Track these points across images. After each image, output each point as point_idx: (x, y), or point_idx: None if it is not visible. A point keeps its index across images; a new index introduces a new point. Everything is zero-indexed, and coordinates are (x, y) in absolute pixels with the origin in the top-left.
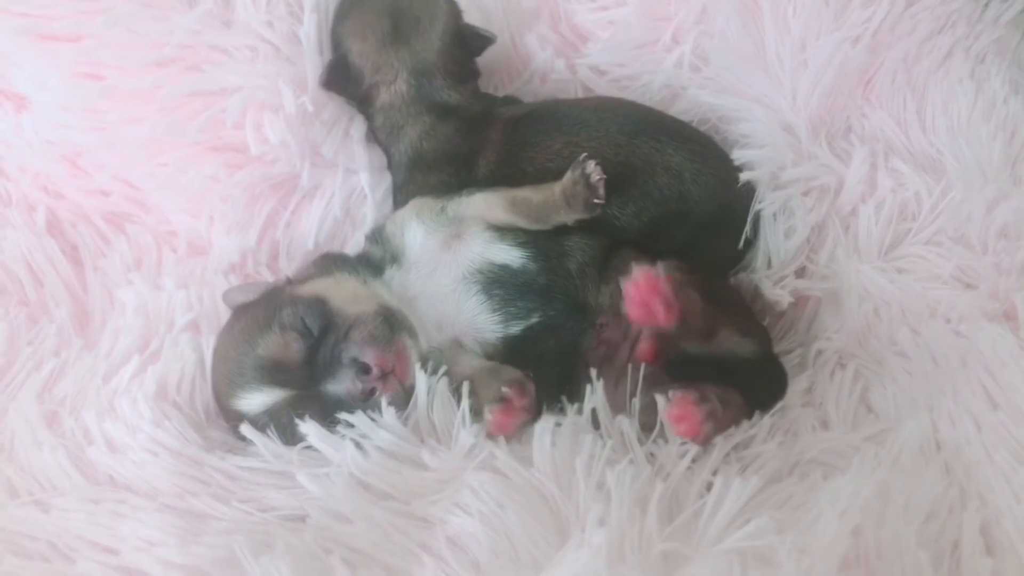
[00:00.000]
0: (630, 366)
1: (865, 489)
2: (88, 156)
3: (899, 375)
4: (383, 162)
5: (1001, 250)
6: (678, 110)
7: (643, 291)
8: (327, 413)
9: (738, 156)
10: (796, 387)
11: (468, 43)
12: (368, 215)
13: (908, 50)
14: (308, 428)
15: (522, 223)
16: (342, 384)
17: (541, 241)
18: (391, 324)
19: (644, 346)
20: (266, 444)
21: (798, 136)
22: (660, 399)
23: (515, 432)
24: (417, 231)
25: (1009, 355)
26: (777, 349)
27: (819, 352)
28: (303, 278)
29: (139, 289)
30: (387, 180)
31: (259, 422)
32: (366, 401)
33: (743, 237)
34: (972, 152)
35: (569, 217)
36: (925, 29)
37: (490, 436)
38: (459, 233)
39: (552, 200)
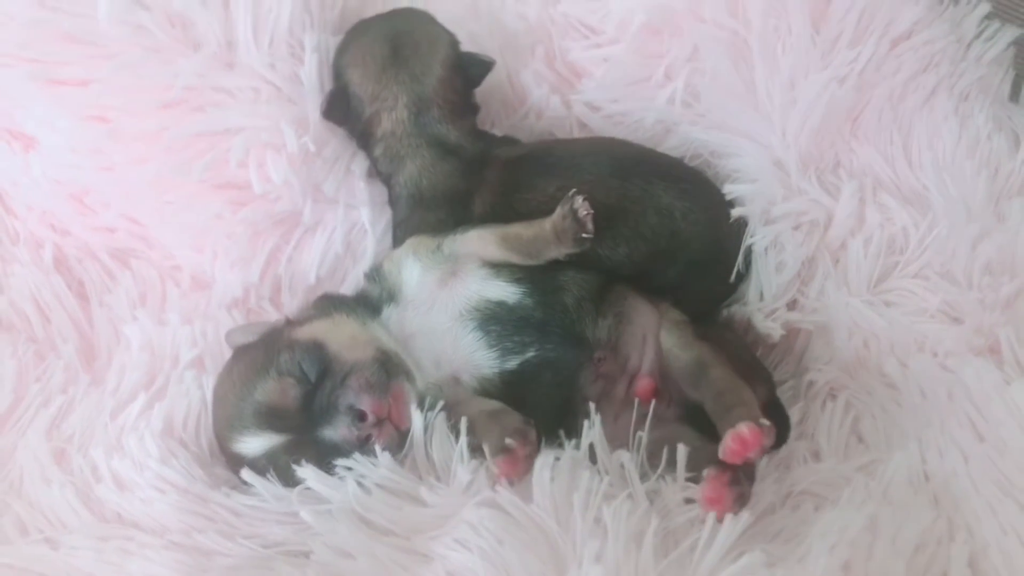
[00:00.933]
0: (637, 400)
1: (855, 522)
2: (95, 195)
3: (889, 406)
4: (384, 197)
5: (985, 286)
6: (671, 145)
7: (749, 446)
8: (324, 457)
9: (729, 191)
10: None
11: (468, 70)
12: (368, 249)
13: (893, 88)
14: (306, 472)
15: (515, 259)
16: (338, 431)
17: (537, 276)
18: (388, 370)
19: (643, 383)
20: (267, 487)
21: (788, 171)
22: (681, 451)
23: (520, 477)
24: (414, 269)
25: (994, 389)
26: None
27: (811, 383)
28: (302, 319)
29: (144, 325)
30: (387, 215)
31: (258, 464)
32: (362, 447)
33: (735, 271)
34: (957, 188)
35: (559, 251)
36: (909, 69)
37: (494, 483)
38: (455, 271)
39: (542, 235)
